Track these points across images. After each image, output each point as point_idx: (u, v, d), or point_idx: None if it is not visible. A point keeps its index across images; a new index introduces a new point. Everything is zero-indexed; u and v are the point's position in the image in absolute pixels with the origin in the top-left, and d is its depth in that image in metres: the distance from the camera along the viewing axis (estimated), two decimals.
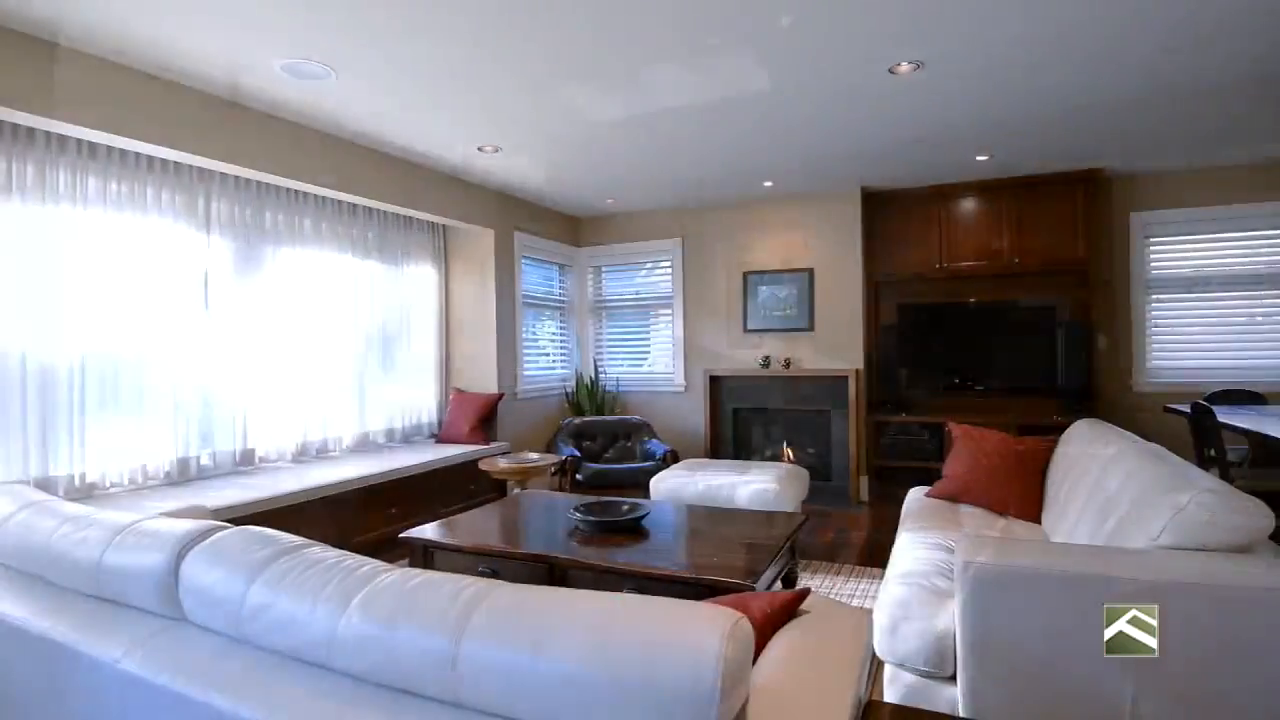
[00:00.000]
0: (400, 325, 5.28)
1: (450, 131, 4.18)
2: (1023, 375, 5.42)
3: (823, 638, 1.23)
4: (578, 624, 0.95)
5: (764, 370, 5.98)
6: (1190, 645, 1.58)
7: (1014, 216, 5.46)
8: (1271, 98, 3.78)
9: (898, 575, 2.24)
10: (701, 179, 5.37)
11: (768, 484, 3.90)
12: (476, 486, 4.88)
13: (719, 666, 0.84)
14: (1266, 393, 4.83)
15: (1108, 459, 2.38)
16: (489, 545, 2.78)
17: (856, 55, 3.17)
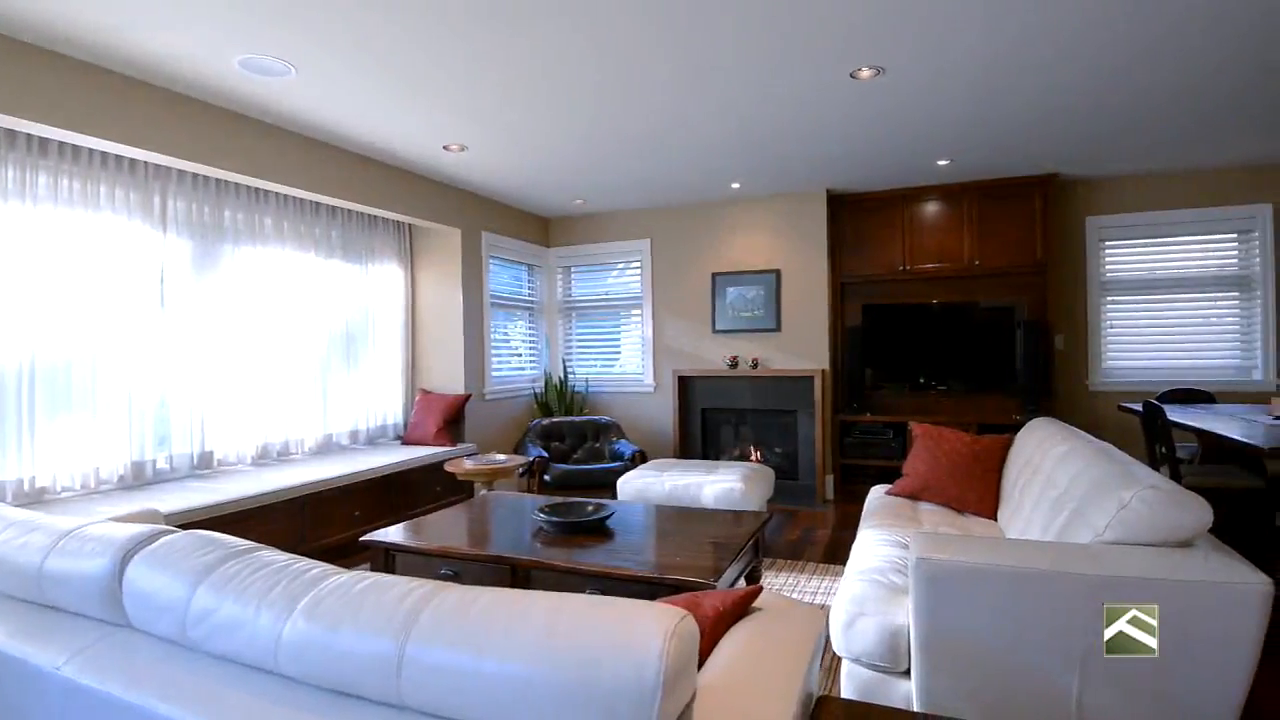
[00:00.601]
0: (365, 325, 5.22)
1: (415, 130, 4.14)
2: (984, 375, 5.54)
3: (774, 634, 1.25)
4: (523, 625, 0.95)
5: (732, 371, 6.03)
6: None
7: (975, 220, 5.57)
8: (1217, 108, 3.91)
9: (856, 572, 2.27)
10: (670, 180, 5.39)
11: (733, 483, 3.93)
12: (443, 488, 4.84)
13: (661, 664, 0.84)
14: (1216, 392, 4.99)
15: (1059, 457, 2.45)
16: (451, 547, 2.75)
17: (818, 60, 3.22)
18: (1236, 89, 3.64)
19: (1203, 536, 1.83)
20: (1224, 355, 5.38)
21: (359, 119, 3.94)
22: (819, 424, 5.73)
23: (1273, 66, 3.34)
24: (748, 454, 6.14)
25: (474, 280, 5.67)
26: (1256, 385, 5.19)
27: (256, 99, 3.62)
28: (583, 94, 3.59)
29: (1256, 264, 5.26)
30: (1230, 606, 1.58)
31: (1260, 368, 5.25)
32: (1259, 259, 5.25)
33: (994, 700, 1.77)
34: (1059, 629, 1.67)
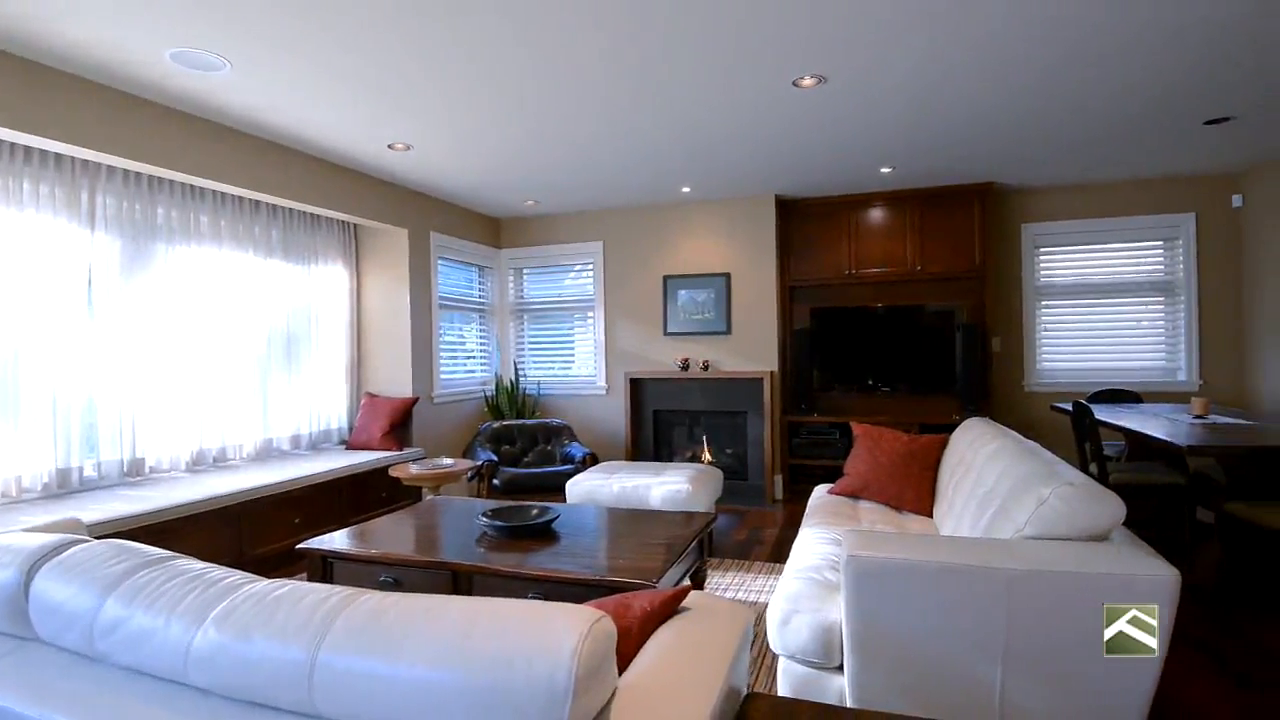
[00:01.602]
0: (307, 327, 5.09)
1: (358, 128, 4.06)
2: (926, 376, 5.69)
3: (699, 632, 1.26)
4: (437, 629, 0.94)
5: (683, 373, 6.06)
6: (1051, 629, 1.69)
7: (917, 226, 5.73)
8: (1142, 121, 4.09)
9: (794, 570, 2.31)
10: (621, 183, 5.41)
11: (681, 485, 3.96)
12: (389, 494, 4.76)
13: (573, 665, 0.85)
14: (1142, 392, 5.23)
15: (989, 455, 2.53)
16: (391, 554, 2.71)
17: (762, 68, 3.27)
18: (1160, 104, 3.82)
19: (1118, 530, 1.92)
20: (1150, 357, 5.63)
21: (298, 116, 3.85)
22: (768, 425, 5.81)
23: (1192, 84, 3.52)
24: (699, 455, 6.19)
25: (422, 281, 5.59)
26: (1180, 386, 5.44)
27: (190, 93, 3.50)
28: (524, 97, 3.57)
29: (1180, 270, 5.53)
30: (1140, 597, 1.65)
31: (1183, 369, 5.51)
32: (1183, 266, 5.51)
33: (923, 692, 1.81)
34: (981, 622, 1.72)
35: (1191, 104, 3.85)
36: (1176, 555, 3.97)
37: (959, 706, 1.77)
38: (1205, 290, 5.45)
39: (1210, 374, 5.43)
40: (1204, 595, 3.44)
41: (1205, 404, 3.97)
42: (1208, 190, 5.43)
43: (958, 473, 2.85)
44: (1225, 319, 5.41)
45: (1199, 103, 3.83)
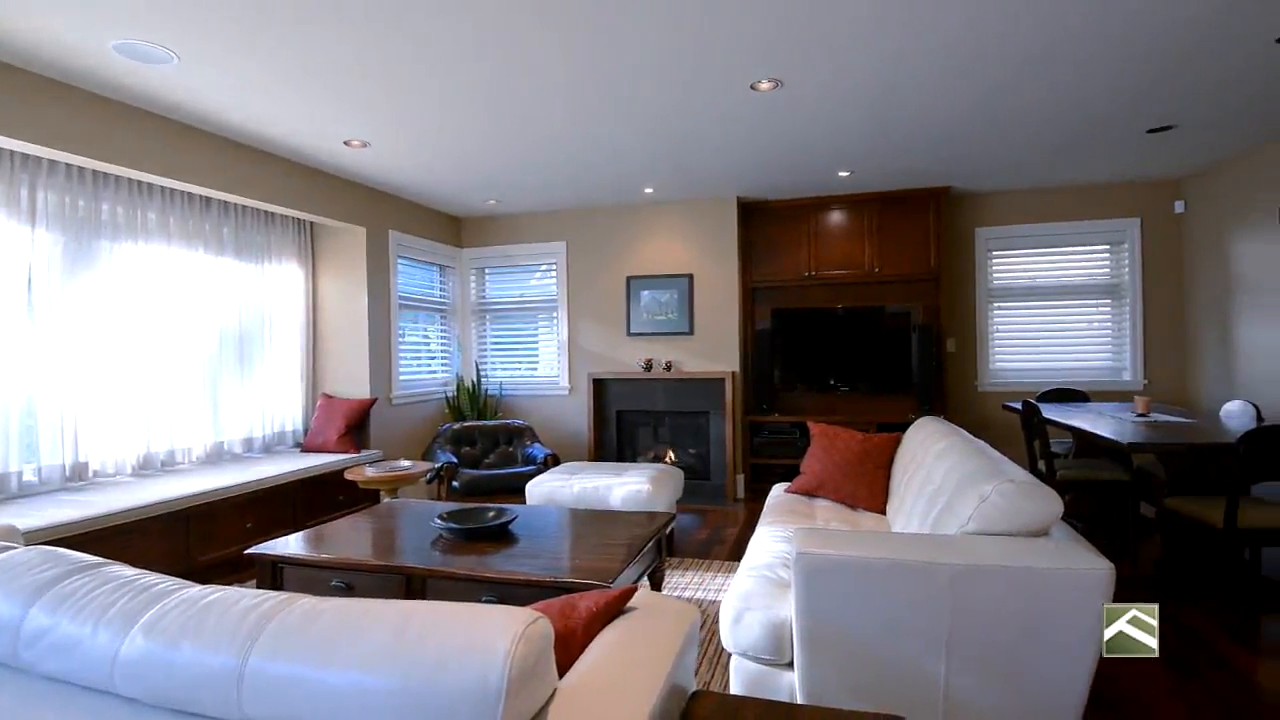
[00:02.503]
0: (261, 327, 4.98)
1: (312, 125, 3.98)
2: (883, 376, 5.79)
3: (643, 632, 1.27)
4: (370, 633, 0.93)
5: (646, 373, 6.08)
6: (992, 622, 1.74)
7: (875, 229, 5.83)
8: (1089, 128, 4.22)
9: (747, 568, 2.33)
10: (583, 183, 5.39)
11: (641, 485, 3.97)
12: (346, 498, 4.68)
13: (506, 667, 0.84)
14: (1090, 391, 5.39)
15: (937, 453, 2.58)
16: (343, 558, 2.66)
17: (720, 71, 3.29)
18: (1104, 113, 3.95)
19: (1058, 526, 1.97)
20: (1097, 358, 5.81)
21: (250, 111, 3.76)
22: (730, 424, 5.85)
23: (1134, 95, 3.64)
24: (662, 455, 6.21)
25: (380, 281, 5.51)
26: (1125, 385, 5.63)
27: (136, 86, 3.40)
28: (482, 96, 3.55)
29: (1126, 273, 5.71)
30: (1077, 590, 1.70)
31: (1129, 369, 5.70)
32: (1128, 269, 5.70)
33: (871, 687, 1.85)
34: (926, 616, 1.75)
35: (1134, 114, 3.99)
36: (1121, 548, 4.13)
37: (905, 699, 1.80)
38: (1149, 293, 5.65)
39: (1154, 373, 5.62)
40: (1146, 586, 3.55)
41: (1147, 403, 4.10)
42: (1152, 196, 5.62)
43: (909, 470, 2.90)
44: (1168, 320, 5.61)
45: (1141, 112, 3.97)
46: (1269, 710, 2.41)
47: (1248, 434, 2.89)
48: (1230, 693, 2.51)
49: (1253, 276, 4.72)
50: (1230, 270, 4.97)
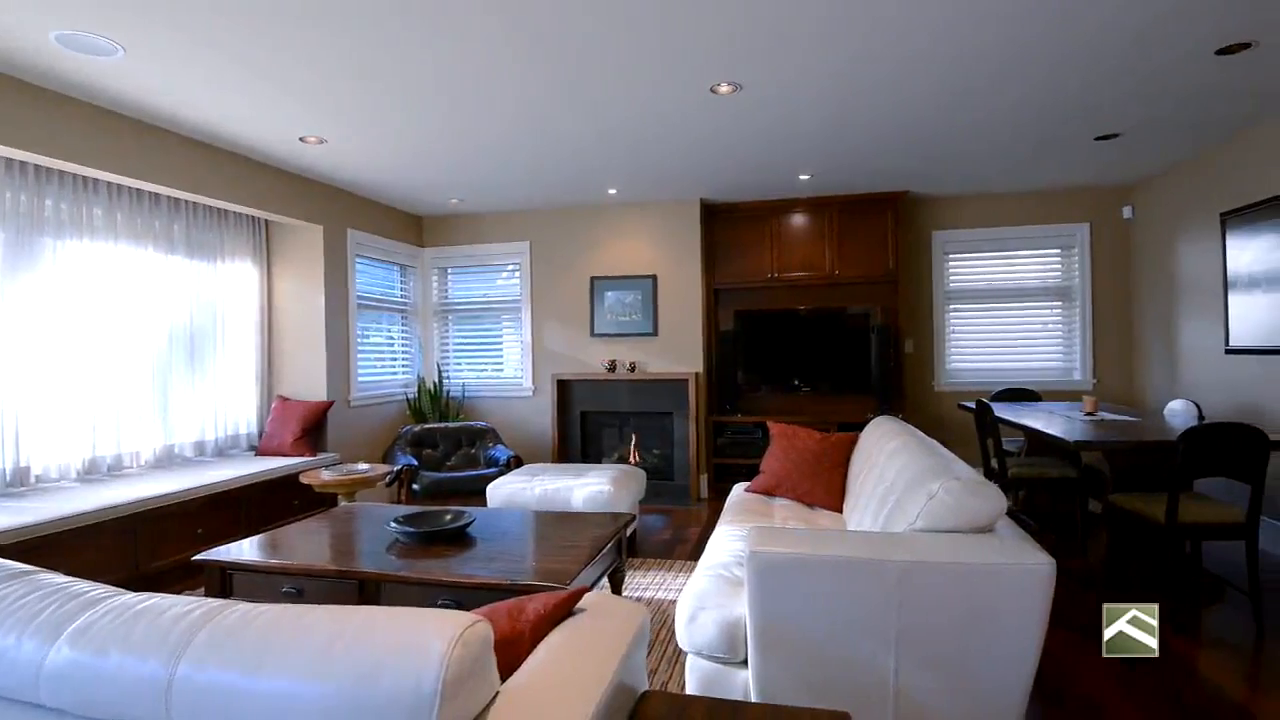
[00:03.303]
0: (213, 328, 4.86)
1: (267, 120, 3.90)
2: (844, 377, 5.87)
3: (590, 633, 1.26)
4: (303, 639, 0.91)
5: (610, 374, 6.07)
6: (939, 617, 1.77)
7: (835, 232, 5.91)
8: (1039, 135, 4.33)
9: (704, 568, 2.34)
10: (547, 182, 5.37)
11: (602, 486, 3.96)
12: (301, 503, 4.58)
13: (441, 671, 0.83)
14: (1042, 391, 5.53)
15: (890, 452, 2.62)
16: (295, 564, 2.60)
17: (679, 73, 3.30)
18: (1054, 120, 4.06)
19: (1003, 522, 2.02)
20: (1049, 358, 5.97)
21: (201, 107, 3.67)
22: (693, 425, 5.88)
23: (1082, 103, 3.75)
24: (627, 456, 6.21)
25: (338, 280, 5.41)
26: (1076, 384, 5.79)
27: (80, 79, 3.29)
28: (441, 94, 3.51)
29: (1077, 277, 5.89)
30: (1020, 584, 1.74)
31: (1079, 369, 5.87)
32: (1079, 272, 5.87)
33: (823, 683, 1.87)
34: (875, 612, 1.78)
35: (1083, 122, 4.11)
36: (1071, 544, 4.24)
37: (857, 694, 1.83)
38: (1098, 295, 5.82)
39: (1103, 373, 5.80)
40: (1093, 580, 3.66)
41: (1094, 402, 4.23)
42: (1101, 202, 5.80)
43: (864, 469, 2.95)
44: (1116, 322, 5.79)
45: (1089, 120, 4.09)
46: (1209, 698, 2.50)
47: (1186, 432, 3.00)
48: (1172, 682, 2.60)
49: (1194, 280, 4.89)
50: (1174, 274, 5.15)
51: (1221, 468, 3.04)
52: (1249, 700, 2.50)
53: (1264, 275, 4.15)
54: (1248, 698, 2.53)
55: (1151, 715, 2.37)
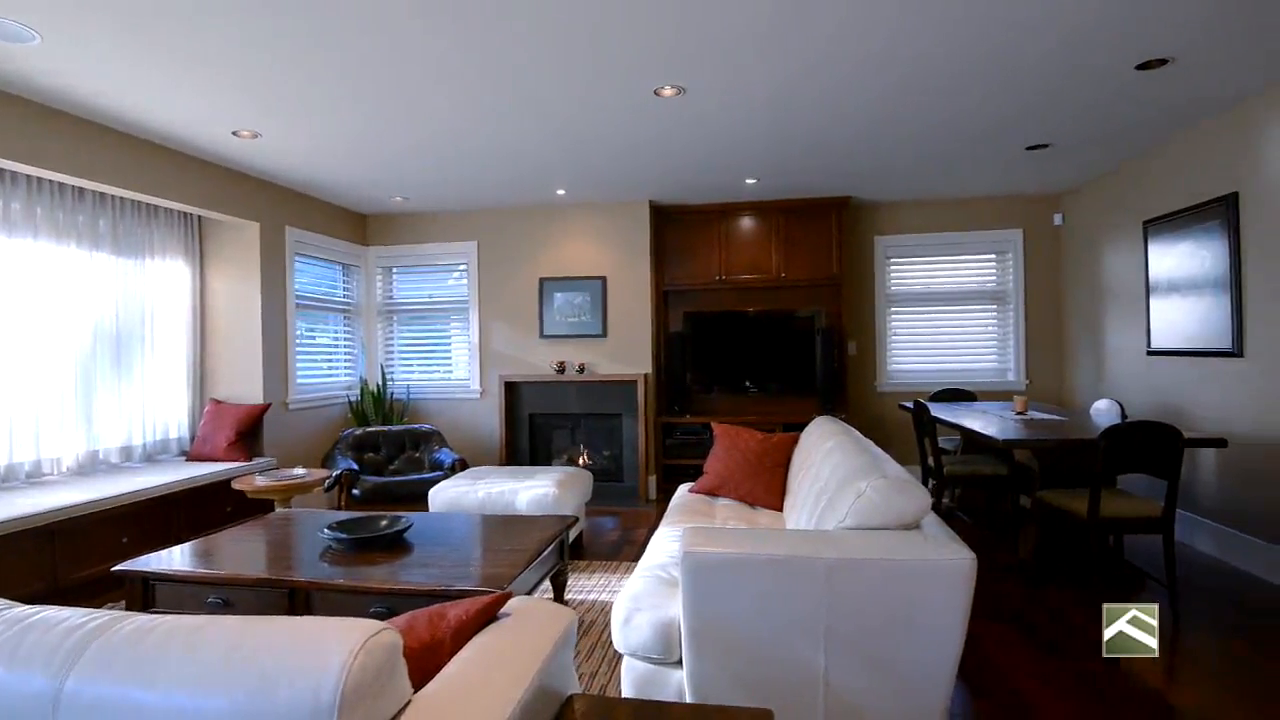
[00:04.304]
0: (142, 328, 4.66)
1: (197, 112, 3.76)
2: (790, 378, 5.96)
3: (513, 637, 1.25)
4: (200, 652, 0.88)
5: (559, 376, 6.04)
6: (867, 612, 1.81)
7: (782, 236, 6.00)
8: (973, 144, 4.47)
9: (641, 569, 2.35)
10: (493, 181, 5.31)
11: (547, 488, 3.93)
12: (235, 509, 4.43)
13: (340, 682, 0.81)
14: (978, 391, 5.71)
15: (826, 452, 2.67)
16: (221, 573, 2.52)
17: (622, 74, 3.31)
18: (987, 130, 4.19)
19: (930, 519, 2.07)
20: (985, 359, 6.17)
21: (126, 96, 3.52)
22: (642, 426, 5.89)
23: (1013, 114, 3.88)
24: (576, 458, 6.19)
25: (276, 279, 5.25)
26: (1010, 385, 5.99)
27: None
28: (376, 88, 3.44)
29: (1011, 281, 6.09)
30: (943, 578, 1.79)
31: (1013, 370, 6.07)
32: (1013, 276, 6.08)
33: (756, 681, 1.89)
34: (805, 609, 1.81)
35: (1014, 131, 4.26)
36: (1003, 538, 4.38)
37: (788, 690, 1.86)
38: (1031, 299, 6.04)
39: (1035, 374, 6.01)
40: (1023, 573, 3.79)
41: (1025, 402, 4.38)
42: (1033, 209, 6.02)
43: (803, 469, 2.99)
44: (1048, 325, 6.02)
45: (1021, 130, 4.24)
46: (1130, 687, 2.61)
47: (1106, 431, 3.13)
48: (1093, 672, 2.70)
49: (1120, 284, 5.12)
50: (1101, 279, 5.37)
51: (1140, 464, 3.19)
52: (1165, 688, 2.61)
53: (1183, 281, 4.36)
54: (1164, 686, 2.64)
55: (1073, 703, 2.46)
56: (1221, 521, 4.01)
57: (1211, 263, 4.06)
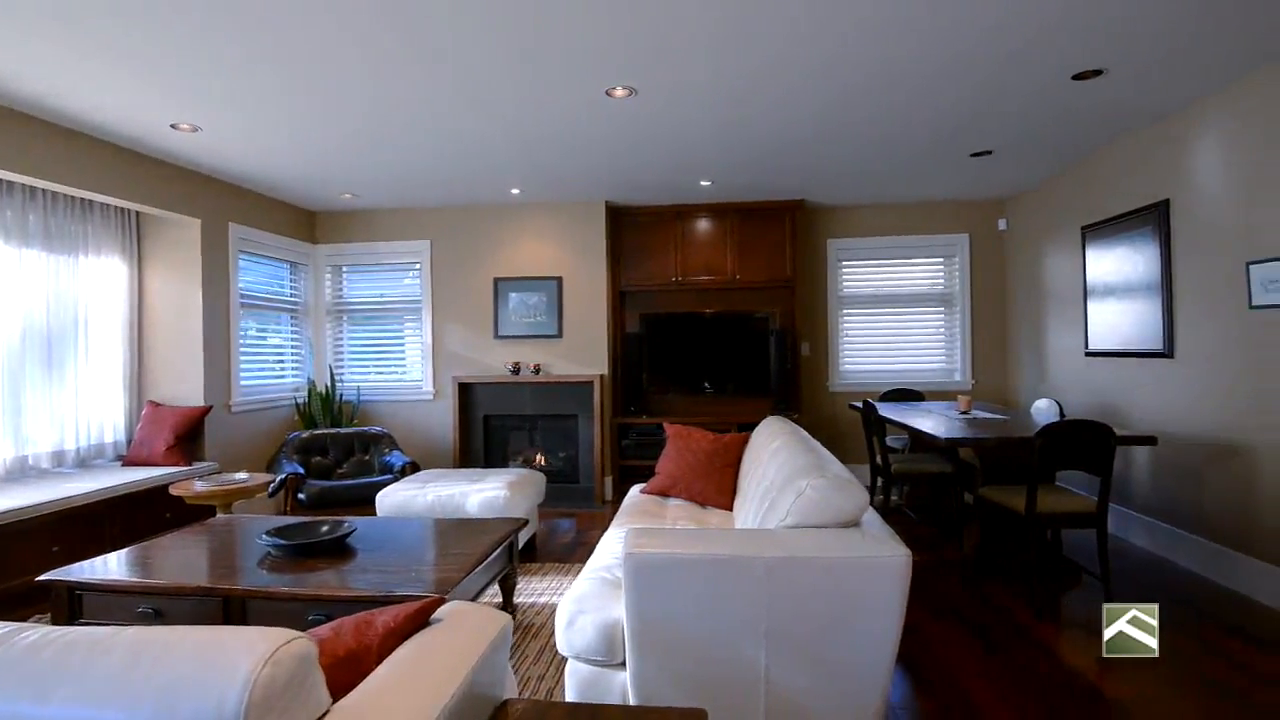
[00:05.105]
0: (74, 328, 4.47)
1: (132, 104, 3.62)
2: (746, 378, 6.02)
3: (443, 643, 1.23)
4: (101, 665, 0.84)
5: (514, 377, 5.99)
6: (805, 610, 1.83)
7: (736, 238, 6.05)
8: (919, 150, 4.57)
9: (587, 571, 2.34)
10: (446, 179, 5.23)
11: (499, 491, 3.89)
12: (174, 516, 4.28)
13: (245, 693, 0.79)
14: (926, 391, 5.83)
15: (772, 452, 2.70)
16: (152, 582, 2.43)
17: (574, 74, 3.29)
18: (932, 137, 4.29)
19: (870, 516, 2.11)
20: (933, 360, 6.31)
21: (57, 86, 3.37)
22: (598, 427, 5.88)
23: (956, 122, 3.98)
24: (532, 459, 6.14)
25: (219, 277, 5.09)
26: (957, 385, 6.14)
27: None
28: (323, 82, 3.36)
29: (957, 284, 6.25)
30: (879, 575, 1.82)
31: (960, 370, 6.23)
32: (959, 280, 6.23)
33: (698, 680, 1.89)
34: (746, 608, 1.82)
35: (959, 139, 4.36)
36: (948, 534, 4.48)
37: (730, 689, 1.87)
38: (977, 301, 6.20)
39: (980, 374, 6.18)
40: (966, 568, 3.88)
41: (968, 401, 4.49)
42: (979, 214, 6.18)
43: (752, 468, 3.02)
44: (993, 326, 6.19)
45: (964, 138, 4.35)
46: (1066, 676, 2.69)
47: (1042, 430, 3.22)
48: (1031, 663, 2.78)
49: (1060, 288, 5.28)
50: (1042, 282, 5.54)
51: (1075, 462, 3.29)
52: (1099, 678, 2.70)
53: (1118, 285, 4.52)
54: (1098, 675, 2.73)
55: (1010, 695, 2.53)
56: (1154, 516, 4.17)
57: (1144, 267, 4.23)
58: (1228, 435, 3.59)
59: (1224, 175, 3.61)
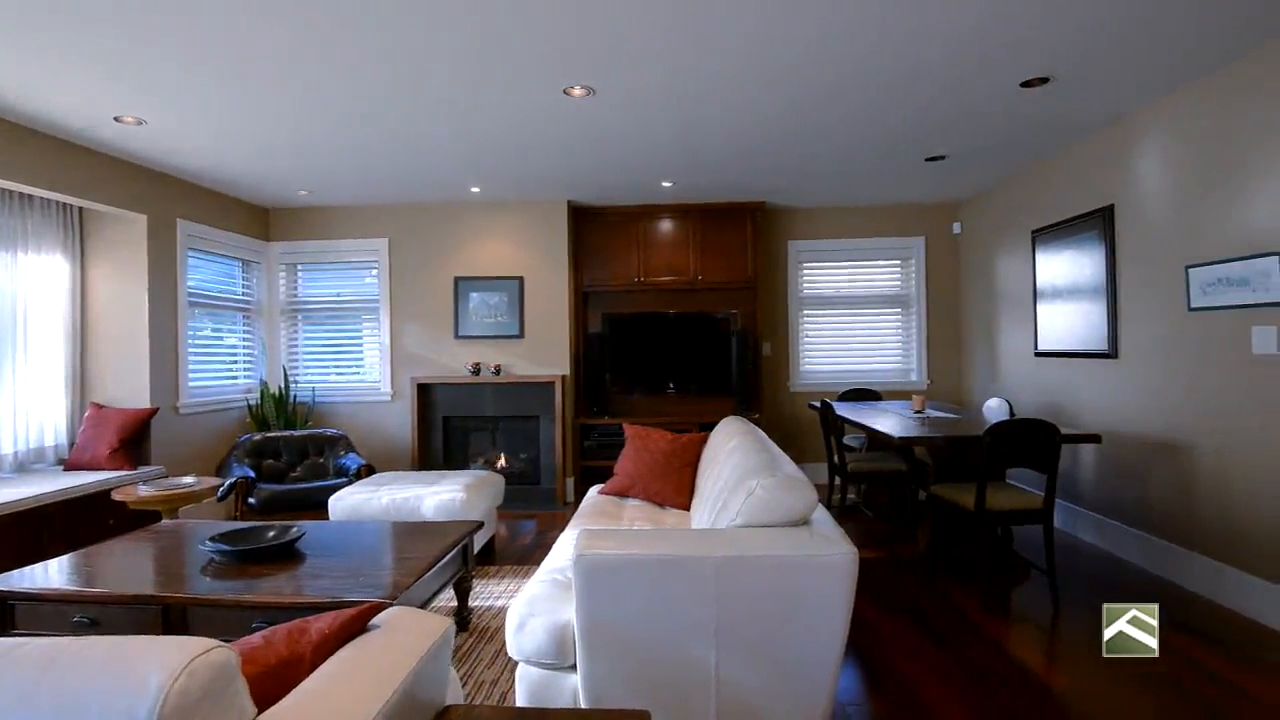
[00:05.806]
0: (13, 327, 4.29)
1: (72, 96, 3.49)
2: (708, 379, 6.04)
3: (380, 650, 1.21)
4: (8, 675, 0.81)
5: (475, 378, 5.93)
6: (754, 609, 1.83)
7: (698, 239, 6.07)
8: (875, 154, 4.64)
9: (540, 574, 2.32)
10: (404, 176, 5.15)
11: (455, 493, 3.85)
12: (118, 522, 4.12)
13: (157, 706, 0.76)
14: (884, 391, 5.92)
15: (728, 451, 2.71)
16: (88, 591, 2.34)
17: (530, 72, 3.26)
18: (886, 142, 4.36)
19: (820, 515, 2.13)
20: (890, 360, 6.42)
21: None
22: (559, 428, 5.85)
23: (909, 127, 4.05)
24: (494, 461, 6.09)
25: (166, 275, 4.94)
26: (913, 384, 6.26)
27: None
28: (276, 80, 3.29)
29: (914, 285, 6.36)
30: (826, 573, 1.83)
31: (916, 370, 6.34)
32: (915, 281, 6.35)
33: (649, 680, 1.89)
34: (696, 607, 1.82)
35: (914, 143, 4.44)
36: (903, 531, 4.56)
37: (681, 689, 1.87)
38: (932, 303, 6.32)
39: (936, 374, 6.30)
40: (919, 565, 3.95)
41: (922, 400, 4.58)
42: (934, 217, 6.30)
43: (709, 468, 3.03)
44: (947, 327, 6.32)
45: (918, 143, 4.43)
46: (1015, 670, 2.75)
47: (991, 428, 3.30)
48: (980, 658, 2.84)
49: (1011, 290, 5.42)
50: (995, 284, 5.67)
51: (1023, 460, 3.37)
52: (1046, 672, 2.77)
53: (1065, 287, 4.65)
54: (1045, 669, 2.80)
55: (960, 689, 2.58)
56: (1102, 513, 4.29)
57: (1091, 270, 4.35)
58: (1169, 434, 3.71)
59: (1164, 182, 3.74)
